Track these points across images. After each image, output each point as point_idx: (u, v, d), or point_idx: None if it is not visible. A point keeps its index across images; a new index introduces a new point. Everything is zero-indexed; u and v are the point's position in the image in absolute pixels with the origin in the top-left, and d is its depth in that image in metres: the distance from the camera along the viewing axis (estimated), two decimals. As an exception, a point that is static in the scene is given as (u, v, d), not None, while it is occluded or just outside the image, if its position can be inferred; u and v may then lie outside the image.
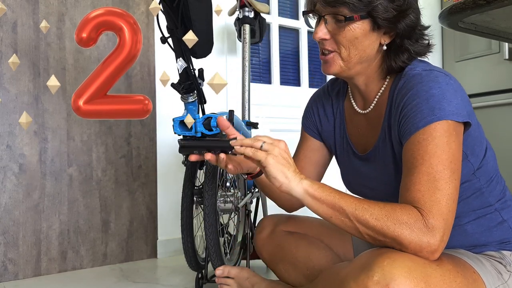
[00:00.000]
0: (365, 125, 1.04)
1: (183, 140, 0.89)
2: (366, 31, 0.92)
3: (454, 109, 0.84)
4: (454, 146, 0.83)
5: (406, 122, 0.87)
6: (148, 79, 2.13)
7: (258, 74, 2.67)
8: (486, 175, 0.95)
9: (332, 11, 0.91)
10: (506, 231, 0.95)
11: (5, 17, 1.77)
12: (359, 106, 1.05)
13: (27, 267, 1.79)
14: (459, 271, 0.82)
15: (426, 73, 0.90)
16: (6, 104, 1.77)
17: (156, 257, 2.11)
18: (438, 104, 0.84)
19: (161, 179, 2.14)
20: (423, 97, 0.86)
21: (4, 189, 1.76)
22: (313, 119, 1.16)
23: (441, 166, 0.81)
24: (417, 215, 0.79)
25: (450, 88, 0.86)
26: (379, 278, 0.74)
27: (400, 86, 0.92)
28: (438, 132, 0.83)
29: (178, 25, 1.37)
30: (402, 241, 0.78)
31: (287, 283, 1.18)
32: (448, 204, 0.79)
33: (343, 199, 0.83)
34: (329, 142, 1.15)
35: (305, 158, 1.16)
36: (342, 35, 0.92)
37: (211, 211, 1.33)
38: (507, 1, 0.99)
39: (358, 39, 0.92)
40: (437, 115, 0.83)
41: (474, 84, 2.99)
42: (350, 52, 0.93)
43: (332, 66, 0.95)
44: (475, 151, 0.93)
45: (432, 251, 0.78)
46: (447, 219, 0.79)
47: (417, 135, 0.85)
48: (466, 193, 0.94)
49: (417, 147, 0.84)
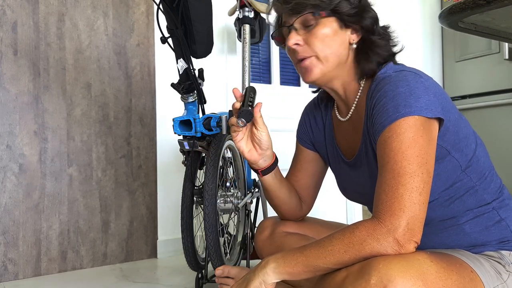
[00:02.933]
0: (350, 131, 1.05)
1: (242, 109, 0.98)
2: (335, 29, 0.96)
3: (423, 105, 0.84)
4: (422, 141, 0.83)
5: (375, 122, 0.89)
6: (148, 79, 2.13)
7: (258, 74, 2.67)
8: (477, 173, 0.95)
9: (299, 16, 0.95)
10: (504, 230, 0.95)
11: (5, 17, 1.77)
12: (343, 114, 1.07)
13: (27, 267, 1.79)
14: (454, 269, 0.82)
15: (396, 74, 0.91)
16: (6, 104, 1.77)
17: (156, 257, 2.11)
18: (404, 101, 0.84)
19: (161, 179, 2.14)
20: (389, 96, 0.87)
21: (4, 189, 1.76)
22: (306, 130, 1.19)
23: (405, 161, 0.81)
24: (373, 223, 0.80)
25: (419, 86, 0.86)
26: (377, 281, 0.74)
27: (372, 89, 0.94)
28: (402, 129, 0.83)
29: (178, 25, 1.37)
30: (379, 252, 0.79)
31: (287, 283, 1.18)
32: (411, 197, 0.79)
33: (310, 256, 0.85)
34: (322, 152, 1.17)
35: (302, 170, 1.19)
36: (314, 36, 0.95)
37: (211, 211, 1.33)
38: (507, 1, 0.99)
39: (329, 36, 0.95)
40: (402, 112, 0.84)
41: (474, 84, 2.99)
42: (325, 52, 0.95)
43: (313, 70, 0.97)
44: (459, 146, 0.93)
45: (403, 244, 0.78)
46: (409, 211, 0.79)
47: (383, 134, 0.85)
48: (460, 192, 0.94)
49: (384, 146, 0.85)
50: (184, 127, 1.43)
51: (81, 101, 1.94)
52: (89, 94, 1.96)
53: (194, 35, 1.40)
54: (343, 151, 1.08)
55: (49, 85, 1.86)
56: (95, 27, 1.98)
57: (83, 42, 1.95)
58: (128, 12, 2.07)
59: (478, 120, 2.88)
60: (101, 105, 1.99)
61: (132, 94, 2.08)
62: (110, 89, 2.01)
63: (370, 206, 1.10)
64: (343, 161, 1.08)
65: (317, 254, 0.84)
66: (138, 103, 2.09)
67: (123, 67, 2.05)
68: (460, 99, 3.07)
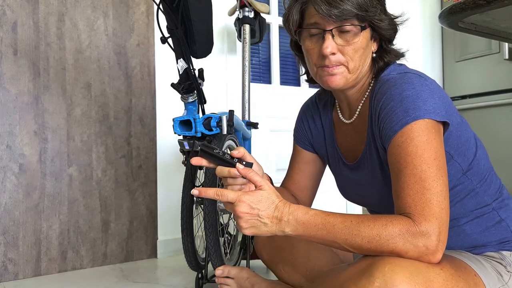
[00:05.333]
0: (352, 134, 1.04)
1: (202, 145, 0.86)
2: (368, 41, 0.94)
3: (431, 108, 0.84)
4: (435, 144, 0.83)
5: (384, 127, 0.88)
6: (148, 79, 2.13)
7: (258, 74, 2.67)
8: (478, 175, 0.95)
9: (341, 24, 0.90)
10: (505, 230, 0.95)
11: (5, 17, 1.77)
12: (346, 116, 1.06)
13: (27, 267, 1.79)
14: (460, 275, 0.81)
15: (400, 76, 0.91)
16: (6, 104, 1.77)
17: (156, 257, 2.12)
18: (413, 104, 0.84)
19: (161, 179, 2.15)
20: (397, 100, 0.86)
21: (4, 189, 1.76)
22: (304, 131, 1.17)
23: (424, 165, 0.80)
24: (407, 223, 0.78)
25: (425, 89, 0.86)
26: (380, 284, 0.73)
27: (376, 91, 0.93)
28: (415, 132, 0.82)
29: (178, 25, 1.37)
30: (400, 252, 0.77)
31: (287, 283, 1.18)
32: (439, 202, 0.79)
33: (332, 231, 0.82)
34: (321, 153, 1.15)
35: (300, 172, 1.18)
36: (351, 47, 0.92)
37: (211, 211, 1.33)
38: (507, 1, 0.99)
39: (363, 48, 0.93)
40: (412, 116, 0.83)
41: (474, 84, 2.99)
42: (356, 63, 0.93)
43: (340, 79, 0.94)
44: (461, 150, 0.93)
45: (431, 253, 0.77)
46: (440, 217, 0.78)
47: (396, 138, 0.84)
48: (460, 195, 0.94)
49: (398, 150, 0.84)
50: (184, 127, 1.43)
51: (81, 101, 1.94)
52: (89, 94, 1.96)
53: (194, 35, 1.40)
54: (343, 153, 1.07)
55: (49, 85, 1.86)
56: (95, 27, 1.98)
57: (83, 42, 1.95)
58: (128, 12, 2.07)
59: (478, 120, 2.88)
60: (101, 105, 1.99)
61: (132, 94, 2.08)
62: (110, 89, 2.01)
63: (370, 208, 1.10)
64: (344, 164, 1.07)
65: (339, 234, 0.81)
66: (138, 103, 2.09)
67: (123, 67, 2.05)
68: (460, 99, 3.07)
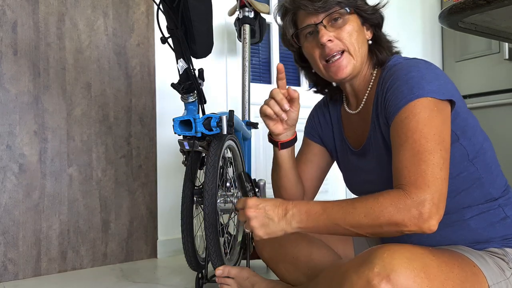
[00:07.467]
0: (358, 123, 1.09)
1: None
2: (359, 26, 1.02)
3: (435, 88, 0.88)
4: (437, 121, 0.86)
5: (389, 105, 0.92)
6: (148, 79, 2.13)
7: (258, 74, 2.67)
8: (484, 165, 0.97)
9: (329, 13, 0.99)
10: (509, 227, 0.96)
11: (5, 17, 1.77)
12: (353, 107, 1.11)
13: (27, 267, 1.79)
14: (455, 263, 0.84)
15: (407, 61, 0.97)
16: (6, 104, 1.77)
17: (156, 257, 2.11)
18: (417, 84, 0.89)
19: (161, 179, 2.14)
20: (402, 80, 0.91)
21: (4, 189, 1.76)
22: (314, 125, 1.22)
23: (423, 139, 0.85)
24: (398, 193, 0.82)
25: (430, 72, 0.91)
26: (380, 270, 0.76)
27: (383, 76, 0.98)
28: (417, 109, 0.87)
29: (178, 25, 1.37)
30: (397, 221, 0.81)
31: (288, 282, 1.18)
32: (434, 172, 0.82)
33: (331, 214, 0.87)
34: (330, 147, 1.20)
35: (307, 162, 1.21)
36: (344, 31, 0.99)
37: (211, 211, 1.33)
38: (507, 1, 0.99)
39: (356, 32, 1.00)
40: (416, 94, 0.88)
41: (474, 84, 2.99)
42: (355, 46, 1.00)
43: (347, 67, 1.00)
44: (467, 134, 0.96)
45: (427, 219, 0.80)
46: (434, 185, 0.81)
47: (399, 114, 0.89)
48: (467, 184, 0.95)
49: (400, 126, 0.88)
50: (184, 127, 1.43)
51: (81, 101, 1.94)
52: (89, 94, 1.96)
53: (194, 35, 1.40)
54: (351, 142, 1.12)
55: (49, 85, 1.86)
56: (95, 27, 1.98)
57: (83, 42, 1.95)
58: (128, 12, 2.07)
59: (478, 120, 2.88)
60: (101, 105, 1.99)
61: (132, 94, 2.08)
62: (110, 89, 2.01)
63: None
64: (351, 151, 1.11)
65: (338, 214, 0.87)
66: (138, 103, 2.09)
67: (123, 67, 2.05)
68: (460, 99, 3.07)
